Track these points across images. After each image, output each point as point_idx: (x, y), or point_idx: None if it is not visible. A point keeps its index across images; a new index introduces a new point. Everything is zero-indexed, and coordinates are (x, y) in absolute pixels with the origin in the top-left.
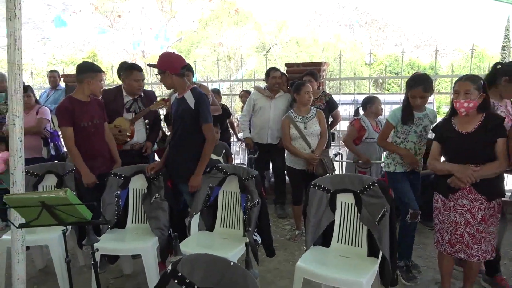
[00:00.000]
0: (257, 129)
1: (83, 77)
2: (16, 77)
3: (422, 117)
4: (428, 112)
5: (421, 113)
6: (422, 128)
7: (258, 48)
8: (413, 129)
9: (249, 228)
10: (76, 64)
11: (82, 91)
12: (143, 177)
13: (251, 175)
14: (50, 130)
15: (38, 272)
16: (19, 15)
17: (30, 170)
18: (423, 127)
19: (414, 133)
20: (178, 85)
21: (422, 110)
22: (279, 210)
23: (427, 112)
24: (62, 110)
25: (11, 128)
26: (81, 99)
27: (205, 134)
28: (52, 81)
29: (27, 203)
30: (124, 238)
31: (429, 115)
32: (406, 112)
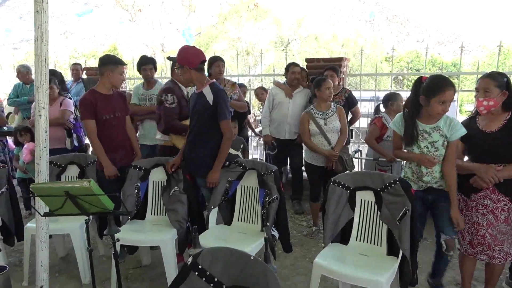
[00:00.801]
0: (275, 124)
1: (104, 70)
2: (42, 69)
3: (429, 131)
4: (441, 124)
5: (430, 125)
6: (428, 144)
7: (276, 43)
8: (416, 144)
9: (267, 223)
10: (98, 57)
11: (103, 84)
12: (162, 170)
13: (270, 170)
14: (73, 121)
15: (59, 260)
16: (46, 8)
17: (53, 160)
18: (430, 142)
19: (417, 148)
20: (197, 80)
21: (434, 121)
22: (296, 206)
23: (439, 123)
24: (84, 103)
25: (37, 119)
26: (103, 92)
27: (223, 130)
28: (74, 74)
29: (52, 193)
30: (143, 230)
31: (442, 128)
32: (409, 130)
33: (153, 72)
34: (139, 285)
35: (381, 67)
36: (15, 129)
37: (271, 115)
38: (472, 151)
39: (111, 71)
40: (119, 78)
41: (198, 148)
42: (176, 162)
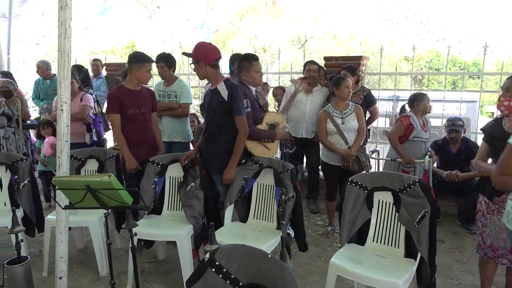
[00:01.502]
0: (293, 123)
1: (132, 67)
2: (65, 65)
3: None
4: None
5: None
6: None
7: (293, 41)
8: None
9: (283, 222)
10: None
11: (131, 80)
12: (179, 165)
13: (286, 169)
14: (92, 116)
15: (78, 252)
16: (70, 5)
17: (73, 154)
18: None
19: None
20: (212, 76)
21: None
22: (311, 205)
23: None
24: (111, 98)
25: (59, 114)
26: (131, 87)
27: (238, 126)
28: (94, 70)
29: (73, 186)
30: (160, 224)
31: None
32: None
33: (165, 70)
34: (155, 278)
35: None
36: (39, 123)
37: (288, 113)
38: (496, 153)
39: (139, 68)
40: (146, 75)
41: (215, 145)
42: (190, 155)
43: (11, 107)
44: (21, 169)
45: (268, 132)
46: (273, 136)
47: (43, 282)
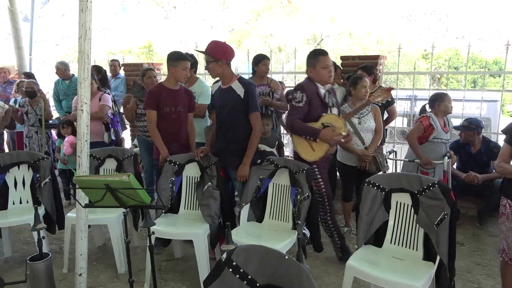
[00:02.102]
0: None
1: (168, 66)
2: (85, 66)
3: None
4: None
5: None
6: None
7: (309, 40)
8: None
9: (298, 221)
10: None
11: (169, 79)
12: (196, 165)
13: (301, 169)
14: (110, 116)
15: (97, 249)
16: (90, 7)
17: (93, 153)
18: None
19: None
20: (227, 75)
21: None
22: None
23: None
24: (149, 94)
25: (79, 114)
26: (169, 86)
27: (252, 122)
28: (112, 70)
29: (93, 185)
30: (177, 223)
31: None
32: None
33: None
34: (172, 276)
35: (418, 65)
36: (59, 122)
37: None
38: None
39: (174, 66)
40: (181, 73)
41: (232, 143)
42: (205, 150)
43: (35, 107)
44: (42, 167)
45: (311, 129)
46: (315, 134)
47: (64, 278)
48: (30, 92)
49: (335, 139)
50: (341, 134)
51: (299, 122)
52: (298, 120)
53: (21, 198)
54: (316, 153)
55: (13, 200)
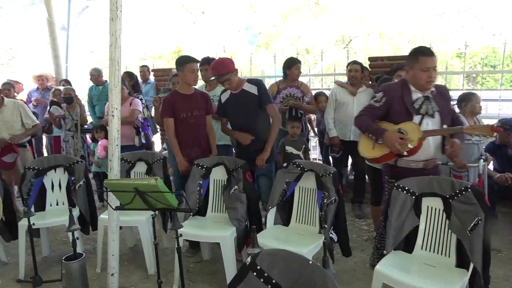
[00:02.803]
0: (340, 125)
1: (177, 71)
2: (115, 73)
3: None
4: None
5: None
6: None
7: (337, 41)
8: None
9: (325, 225)
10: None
11: (182, 84)
12: (223, 168)
13: (328, 172)
14: (141, 120)
15: (128, 250)
16: (120, 16)
17: (124, 157)
18: None
19: None
20: (239, 81)
21: None
22: (356, 210)
23: None
24: (164, 103)
25: (110, 119)
26: (183, 91)
27: (271, 113)
28: (142, 75)
29: (123, 188)
30: (204, 226)
31: None
32: None
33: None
34: (200, 278)
35: (452, 64)
36: (93, 127)
37: (335, 116)
38: None
39: (182, 71)
40: (190, 76)
41: (258, 140)
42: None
43: (71, 112)
44: (77, 171)
45: (376, 128)
46: (378, 133)
47: (97, 278)
48: (67, 98)
49: (396, 147)
50: (406, 146)
51: (365, 119)
52: (364, 117)
53: (58, 200)
54: (373, 152)
55: (51, 202)
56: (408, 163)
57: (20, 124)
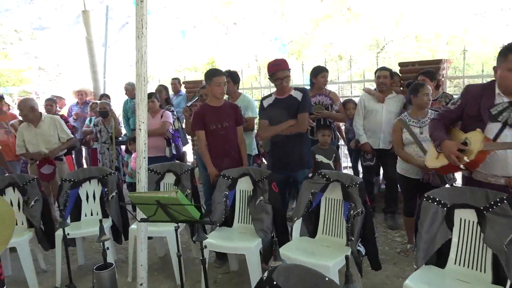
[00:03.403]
0: (369, 133)
1: (205, 83)
2: (142, 88)
3: None
4: None
5: None
6: None
7: (371, 45)
8: None
9: (352, 238)
10: (197, 70)
11: (211, 97)
12: (249, 179)
13: (354, 182)
14: (172, 131)
15: (158, 259)
16: (146, 34)
17: (153, 168)
18: None
19: None
20: None
21: None
22: (389, 221)
23: None
24: (195, 116)
25: (137, 133)
26: (212, 104)
27: (300, 122)
28: (173, 87)
29: (145, 201)
30: (230, 237)
31: None
32: None
33: (231, 85)
34: None
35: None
36: (127, 139)
37: (364, 123)
38: None
39: (209, 84)
40: (217, 89)
41: (298, 145)
42: None
43: (107, 125)
44: (110, 182)
45: (439, 135)
46: (437, 141)
47: (128, 287)
48: (103, 112)
49: (452, 159)
50: (462, 159)
51: (435, 123)
52: (435, 121)
53: (92, 210)
54: (435, 162)
55: (85, 212)
56: (485, 176)
57: (57, 138)
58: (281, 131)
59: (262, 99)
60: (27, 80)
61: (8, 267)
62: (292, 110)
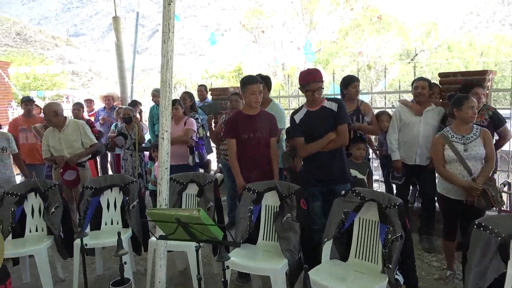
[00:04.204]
0: (404, 148)
1: (241, 91)
2: (166, 95)
3: None
4: None
5: None
6: None
7: (402, 55)
8: None
9: (389, 265)
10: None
11: (245, 105)
12: (275, 194)
13: (393, 203)
14: (196, 139)
15: (178, 273)
16: (172, 38)
17: (176, 178)
18: None
19: None
20: None
21: None
22: (425, 243)
23: None
24: (227, 123)
25: (160, 142)
26: (247, 112)
27: (340, 134)
28: (200, 94)
29: (165, 218)
30: (254, 256)
31: None
32: None
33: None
34: None
35: None
36: (151, 145)
37: (399, 137)
38: None
39: (244, 92)
40: (250, 97)
41: (333, 157)
42: None
43: (130, 131)
44: (131, 191)
45: None
46: None
47: None
48: (126, 118)
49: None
50: None
51: None
52: None
53: (113, 219)
54: None
55: (106, 221)
56: None
57: (80, 143)
58: (323, 148)
59: (293, 114)
60: (61, 84)
61: (27, 274)
62: (328, 122)
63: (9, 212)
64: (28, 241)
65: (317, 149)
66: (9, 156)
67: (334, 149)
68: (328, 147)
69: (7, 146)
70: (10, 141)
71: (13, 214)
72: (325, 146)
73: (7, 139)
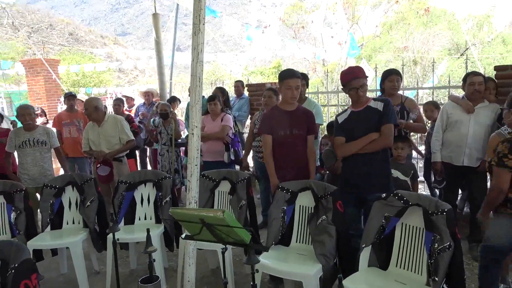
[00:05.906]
0: (451, 147)
1: (279, 85)
2: (196, 89)
3: None
4: None
5: None
6: None
7: (451, 50)
8: None
9: (435, 278)
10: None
11: (282, 100)
12: (310, 194)
13: (441, 210)
14: (231, 136)
15: (210, 272)
16: (203, 30)
17: (209, 175)
18: None
19: None
20: None
21: None
22: (475, 251)
23: None
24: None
25: (190, 138)
26: (284, 108)
27: (384, 133)
28: (236, 90)
29: (189, 218)
30: (286, 259)
31: None
32: None
33: (304, 88)
34: None
35: None
36: (186, 141)
37: (444, 136)
38: None
39: (280, 87)
40: (286, 92)
41: (379, 162)
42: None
43: (167, 127)
44: (164, 186)
45: None
46: None
47: None
48: (163, 114)
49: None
50: None
51: None
52: None
53: (146, 214)
54: None
55: (139, 216)
56: None
57: (117, 138)
58: (363, 149)
59: (337, 116)
60: (108, 81)
61: (65, 265)
62: (372, 122)
63: (48, 204)
64: (65, 233)
65: (357, 148)
66: (48, 150)
67: (376, 152)
68: (368, 147)
69: (47, 140)
70: (50, 136)
71: (51, 206)
72: (365, 147)
73: (48, 133)
